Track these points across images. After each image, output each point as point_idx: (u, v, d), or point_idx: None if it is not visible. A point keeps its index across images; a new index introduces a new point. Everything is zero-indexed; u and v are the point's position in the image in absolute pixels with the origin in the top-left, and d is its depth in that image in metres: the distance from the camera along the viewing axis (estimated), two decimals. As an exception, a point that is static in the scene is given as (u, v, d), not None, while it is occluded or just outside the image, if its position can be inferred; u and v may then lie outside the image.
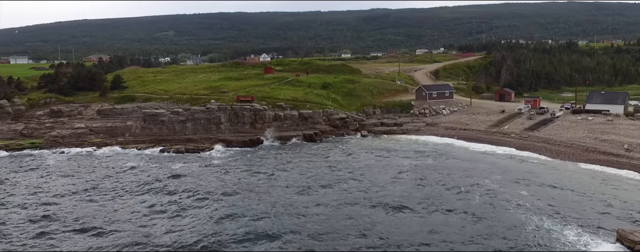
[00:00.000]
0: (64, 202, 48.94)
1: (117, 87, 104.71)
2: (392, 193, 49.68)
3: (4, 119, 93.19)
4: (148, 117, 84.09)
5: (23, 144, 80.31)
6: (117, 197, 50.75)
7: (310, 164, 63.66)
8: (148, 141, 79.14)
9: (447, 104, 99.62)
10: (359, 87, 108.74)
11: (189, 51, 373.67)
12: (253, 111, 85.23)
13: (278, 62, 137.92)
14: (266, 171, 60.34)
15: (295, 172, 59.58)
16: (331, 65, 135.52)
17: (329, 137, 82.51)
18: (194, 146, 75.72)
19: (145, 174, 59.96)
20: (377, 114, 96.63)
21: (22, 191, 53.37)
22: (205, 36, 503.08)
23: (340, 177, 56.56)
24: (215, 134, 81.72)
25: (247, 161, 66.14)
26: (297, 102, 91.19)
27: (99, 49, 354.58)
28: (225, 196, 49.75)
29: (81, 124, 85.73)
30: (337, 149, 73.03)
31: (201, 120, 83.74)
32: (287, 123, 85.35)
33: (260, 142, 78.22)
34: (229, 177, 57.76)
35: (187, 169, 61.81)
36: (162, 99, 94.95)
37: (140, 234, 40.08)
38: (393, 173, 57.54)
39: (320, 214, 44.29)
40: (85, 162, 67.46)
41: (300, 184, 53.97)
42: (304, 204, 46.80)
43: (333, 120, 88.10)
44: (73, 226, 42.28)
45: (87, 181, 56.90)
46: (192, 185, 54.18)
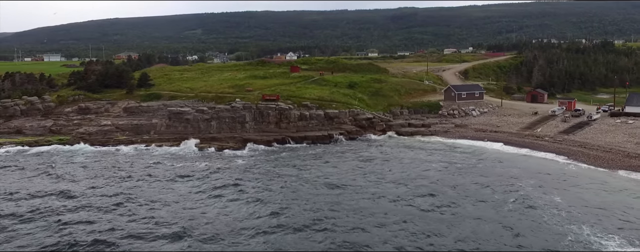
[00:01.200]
0: (88, 201, 48.68)
1: (143, 84, 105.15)
2: (420, 197, 47.82)
3: (35, 115, 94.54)
4: (173, 115, 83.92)
5: (51, 140, 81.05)
6: (138, 196, 50.21)
7: (338, 165, 62.10)
8: (173, 139, 78.87)
9: (477, 105, 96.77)
10: (386, 87, 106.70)
11: (216, 49, 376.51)
12: (278, 110, 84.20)
13: (304, 61, 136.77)
14: (291, 172, 59.02)
15: (323, 173, 57.95)
16: (358, 65, 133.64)
17: (355, 138, 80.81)
18: (218, 145, 75.12)
19: (169, 172, 59.36)
20: (405, 114, 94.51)
21: (40, 187, 53.42)
22: (233, 35, 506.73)
23: (367, 179, 54.87)
24: (239, 133, 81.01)
25: (271, 162, 65.01)
26: (323, 102, 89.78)
27: (129, 47, 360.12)
28: (251, 197, 48.69)
29: (108, 121, 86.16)
30: (364, 150, 71.31)
31: (226, 119, 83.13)
32: (312, 123, 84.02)
33: (284, 142, 77.11)
34: (252, 177, 56.63)
35: (212, 168, 60.99)
36: (188, 97, 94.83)
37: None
38: (420, 176, 55.57)
39: (349, 216, 42.87)
40: (109, 160, 67.37)
41: (330, 184, 52.57)
42: (334, 207, 45.36)
43: (359, 120, 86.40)
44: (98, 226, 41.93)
45: (106, 179, 56.66)
46: (217, 183, 53.36)
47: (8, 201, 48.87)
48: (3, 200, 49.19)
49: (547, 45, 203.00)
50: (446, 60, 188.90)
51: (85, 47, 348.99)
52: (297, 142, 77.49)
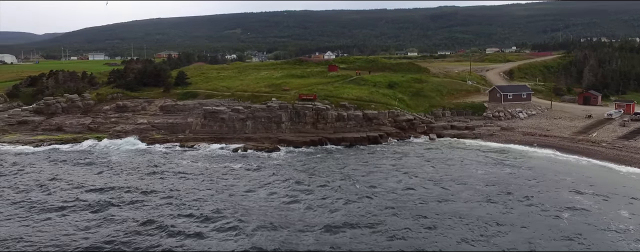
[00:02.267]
0: (111, 200, 47.43)
1: (180, 83, 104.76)
2: (467, 206, 44.25)
3: (75, 112, 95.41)
4: (208, 114, 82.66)
5: (88, 137, 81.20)
6: (168, 197, 48.59)
7: (378, 168, 58.94)
8: (207, 139, 77.55)
9: (524, 107, 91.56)
10: (427, 87, 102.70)
11: (255, 49, 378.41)
12: (315, 110, 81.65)
13: (342, 60, 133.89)
14: (329, 175, 56.20)
15: (363, 177, 54.87)
16: (397, 64, 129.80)
17: (395, 140, 77.39)
18: (253, 145, 73.19)
19: (201, 174, 57.72)
20: (447, 116, 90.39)
21: (67, 184, 52.61)
22: (271, 34, 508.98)
23: (409, 183, 51.58)
24: (275, 133, 78.93)
25: (307, 164, 62.35)
26: (362, 102, 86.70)
27: (170, 46, 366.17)
28: (285, 201, 46.28)
29: (144, 119, 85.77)
30: (405, 153, 67.84)
31: (262, 118, 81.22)
32: (350, 124, 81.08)
33: (321, 143, 74.46)
34: (287, 180, 54.19)
35: (246, 170, 59.00)
36: (224, 96, 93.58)
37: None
38: (465, 184, 51.85)
39: (394, 223, 39.99)
40: (143, 159, 66.43)
41: (373, 188, 49.73)
42: (378, 214, 42.48)
43: (399, 121, 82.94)
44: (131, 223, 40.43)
45: (139, 178, 55.44)
46: (251, 185, 51.26)
47: (45, 194, 48.22)
48: (35, 195, 48.58)
49: (597, 44, 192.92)
50: (489, 59, 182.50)
51: (129, 46, 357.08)
52: (334, 143, 74.69)
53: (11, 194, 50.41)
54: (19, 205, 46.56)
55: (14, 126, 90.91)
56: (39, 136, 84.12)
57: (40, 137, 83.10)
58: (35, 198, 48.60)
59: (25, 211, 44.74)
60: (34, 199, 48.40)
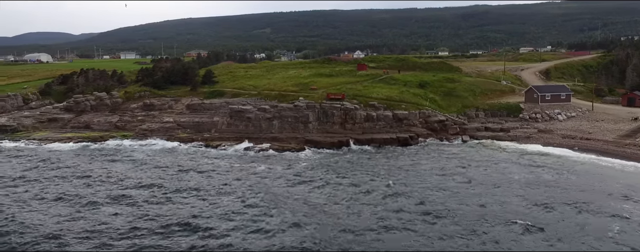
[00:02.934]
0: (131, 200, 46.14)
1: (207, 81, 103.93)
2: (507, 214, 41.23)
3: (103, 110, 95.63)
4: (234, 113, 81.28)
5: (115, 135, 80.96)
6: (195, 196, 47.03)
7: (410, 171, 56.24)
8: (233, 138, 76.13)
9: (563, 108, 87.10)
10: (460, 87, 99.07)
11: (284, 48, 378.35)
12: (343, 110, 79.30)
13: (371, 59, 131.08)
14: (358, 178, 53.74)
15: (394, 179, 52.10)
16: (428, 63, 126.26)
17: (426, 142, 74.38)
18: (279, 146, 71.39)
19: (225, 175, 56.09)
20: (481, 117, 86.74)
21: (102, 182, 51.63)
22: (300, 33, 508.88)
23: (443, 187, 48.75)
24: (302, 133, 76.91)
25: (335, 165, 59.96)
26: (392, 102, 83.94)
27: (200, 45, 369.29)
28: (312, 206, 44.15)
29: (170, 118, 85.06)
30: (437, 155, 64.92)
31: (288, 118, 79.35)
32: (379, 124, 78.43)
33: (349, 144, 72.06)
34: (314, 182, 52.06)
35: (271, 172, 57.06)
36: (250, 95, 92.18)
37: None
38: (505, 188, 48.75)
39: (434, 229, 37.62)
40: (168, 158, 65.33)
41: (405, 193, 47.08)
42: (413, 220, 40.07)
43: (431, 122, 79.84)
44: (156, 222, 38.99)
45: (164, 177, 54.15)
46: (276, 188, 49.33)
47: (66, 190, 47.40)
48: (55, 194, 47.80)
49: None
50: (523, 59, 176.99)
51: (161, 45, 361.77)
52: (362, 144, 72.18)
53: (34, 190, 49.76)
54: (44, 200, 45.76)
55: (44, 123, 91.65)
56: (67, 133, 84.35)
57: (69, 134, 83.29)
58: (58, 194, 47.77)
59: (56, 206, 43.90)
60: (58, 195, 47.58)
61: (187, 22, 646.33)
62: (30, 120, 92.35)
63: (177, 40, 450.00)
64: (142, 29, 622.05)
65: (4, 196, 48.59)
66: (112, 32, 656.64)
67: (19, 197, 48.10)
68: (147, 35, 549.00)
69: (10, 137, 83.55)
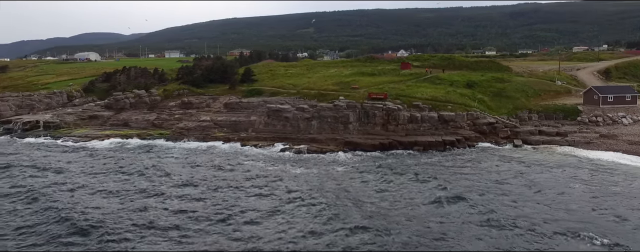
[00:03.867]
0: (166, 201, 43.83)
1: (247, 80, 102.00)
2: (573, 232, 36.39)
3: (141, 108, 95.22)
4: (272, 112, 78.60)
5: (152, 134, 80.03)
6: (225, 198, 44.30)
7: (458, 178, 51.44)
8: (270, 138, 73.44)
9: (629, 111, 79.89)
10: (510, 87, 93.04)
11: (327, 47, 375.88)
12: (385, 111, 75.18)
13: (416, 58, 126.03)
14: (403, 185, 49.51)
15: (443, 188, 47.32)
16: (476, 62, 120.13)
17: (475, 145, 69.35)
18: (317, 147, 68.11)
19: (261, 175, 53.20)
20: (534, 119, 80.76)
21: (123, 183, 49.79)
22: (344, 33, 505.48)
23: (496, 198, 44.08)
24: (342, 134, 73.32)
25: (377, 170, 55.73)
26: (437, 103, 79.20)
27: (244, 45, 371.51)
28: (356, 215, 40.52)
29: (207, 117, 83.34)
30: (487, 161, 59.91)
31: (328, 118, 75.92)
32: (424, 126, 73.86)
33: (391, 147, 67.94)
34: (356, 190, 48.34)
35: (308, 175, 53.76)
36: (289, 94, 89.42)
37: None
38: (568, 200, 43.63)
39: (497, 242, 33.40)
40: (203, 158, 63.19)
41: (454, 203, 42.56)
42: (487, 233, 35.94)
43: (479, 124, 74.64)
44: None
45: (199, 178, 51.78)
46: (314, 193, 46.00)
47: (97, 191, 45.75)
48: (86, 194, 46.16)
49: None
50: (577, 58, 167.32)
51: (207, 45, 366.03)
52: (405, 147, 67.90)
53: (60, 188, 48.41)
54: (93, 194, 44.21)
55: (85, 120, 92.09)
56: (106, 130, 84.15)
57: (107, 132, 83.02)
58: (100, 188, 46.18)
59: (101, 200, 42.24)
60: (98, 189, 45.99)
61: (232, 22, 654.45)
62: (72, 117, 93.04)
63: (221, 39, 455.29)
64: (188, 29, 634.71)
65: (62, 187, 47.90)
66: (159, 32, 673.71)
67: (73, 191, 47.29)
68: (192, 35, 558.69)
69: (52, 133, 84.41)
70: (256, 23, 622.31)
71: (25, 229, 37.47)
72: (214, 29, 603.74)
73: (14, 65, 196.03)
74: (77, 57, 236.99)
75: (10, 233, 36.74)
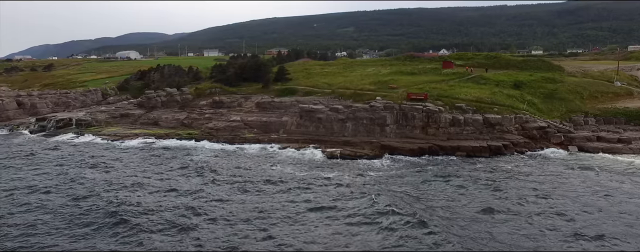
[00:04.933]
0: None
1: (280, 79, 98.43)
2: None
3: (172, 107, 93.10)
4: (305, 113, 74.55)
5: (181, 133, 77.38)
6: (255, 209, 40.48)
7: (508, 192, 45.70)
8: (302, 141, 69.38)
9: (700, 116, 71.86)
10: (563, 89, 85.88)
11: (367, 47, 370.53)
12: (425, 112, 69.85)
13: (459, 56, 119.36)
14: (448, 196, 44.26)
15: (490, 203, 41.97)
16: (524, 61, 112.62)
17: (524, 152, 63.17)
18: (351, 151, 63.58)
19: (291, 181, 49.17)
20: (591, 124, 73.68)
21: (146, 186, 46.65)
22: (384, 32, 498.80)
23: (552, 218, 38.51)
24: (378, 137, 68.51)
25: (418, 178, 50.75)
26: (482, 104, 73.22)
27: (283, 44, 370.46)
28: (388, 231, 35.91)
29: (237, 117, 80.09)
30: (540, 171, 53.75)
31: (363, 120, 71.26)
32: (467, 130, 68.13)
33: (432, 152, 62.67)
34: (399, 197, 43.63)
35: (341, 181, 49.25)
36: (324, 94, 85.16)
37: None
38: (635, 223, 37.64)
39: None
40: (229, 160, 59.73)
41: (505, 222, 37.34)
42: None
43: (529, 129, 68.29)
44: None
45: (222, 184, 48.22)
46: (349, 202, 41.61)
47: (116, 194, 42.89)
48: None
49: None
50: (635, 57, 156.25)
51: (247, 44, 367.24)
52: (447, 153, 62.47)
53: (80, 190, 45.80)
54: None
55: (117, 118, 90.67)
56: (135, 129, 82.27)
57: (136, 130, 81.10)
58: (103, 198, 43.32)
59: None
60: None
61: (272, 22, 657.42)
62: (104, 115, 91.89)
63: (262, 39, 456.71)
64: (230, 29, 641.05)
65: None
66: (201, 31, 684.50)
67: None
68: (233, 34, 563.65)
69: (83, 131, 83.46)
70: (296, 22, 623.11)
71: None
72: (255, 28, 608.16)
73: (59, 64, 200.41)
74: (118, 55, 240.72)
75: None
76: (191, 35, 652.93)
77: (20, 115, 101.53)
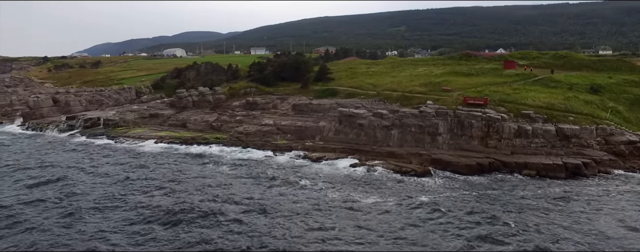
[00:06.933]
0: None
1: (321, 78, 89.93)
2: None
3: (204, 107, 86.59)
4: (344, 117, 65.55)
5: (208, 138, 70.28)
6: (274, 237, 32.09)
7: (596, 228, 35.27)
8: (339, 150, 60.47)
9: None
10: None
11: (419, 46, 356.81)
12: (485, 120, 59.27)
13: (522, 55, 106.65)
14: (518, 235, 34.16)
15: (572, 244, 32.12)
16: (599, 61, 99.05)
17: (610, 172, 51.49)
18: (396, 165, 54.07)
19: (315, 214, 40.45)
20: (691, 137, 60.77)
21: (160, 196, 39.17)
22: (437, 31, 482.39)
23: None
24: (428, 149, 58.62)
25: (479, 206, 40.42)
26: (554, 112, 61.77)
27: (333, 43, 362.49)
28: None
29: (270, 120, 72.07)
30: (636, 199, 42.70)
31: (411, 127, 61.49)
32: (536, 142, 57.01)
33: (493, 169, 52.21)
34: (454, 235, 34.06)
35: (380, 210, 39.97)
36: (368, 96, 75.87)
37: None
38: None
39: None
40: (249, 171, 51.62)
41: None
42: None
43: (614, 143, 56.42)
44: None
45: (228, 201, 40.10)
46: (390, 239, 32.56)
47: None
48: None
49: None
50: None
51: (297, 43, 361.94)
52: (512, 171, 51.88)
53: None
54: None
55: (146, 118, 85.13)
56: (161, 131, 76.06)
57: (162, 133, 74.81)
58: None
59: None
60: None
61: (323, 21, 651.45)
62: (133, 115, 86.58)
63: (312, 37, 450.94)
64: (281, 27, 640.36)
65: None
66: (253, 30, 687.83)
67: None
68: (284, 33, 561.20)
69: (110, 131, 78.46)
70: (347, 21, 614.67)
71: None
72: (305, 27, 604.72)
73: (108, 61, 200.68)
74: (164, 53, 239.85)
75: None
76: (243, 34, 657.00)
77: (53, 113, 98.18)
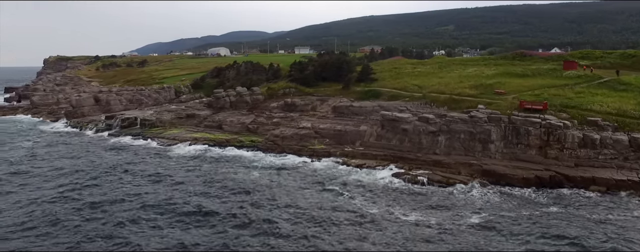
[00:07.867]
0: None
1: (364, 79, 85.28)
2: None
3: (241, 108, 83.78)
4: (387, 121, 60.72)
5: (243, 140, 67.26)
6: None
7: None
8: (380, 157, 55.80)
9: None
10: None
11: (468, 45, 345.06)
12: (545, 128, 53.08)
13: (583, 55, 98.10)
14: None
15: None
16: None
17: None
18: (442, 175, 48.92)
19: (348, 221, 36.12)
20: None
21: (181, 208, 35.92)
22: (486, 30, 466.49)
23: None
24: (479, 158, 53.06)
25: (537, 229, 34.82)
26: (626, 119, 54.77)
27: (379, 42, 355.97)
28: None
29: (308, 123, 68.05)
30: None
31: (460, 134, 56.03)
32: (605, 154, 50.40)
33: (554, 184, 46.16)
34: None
35: (423, 232, 35.24)
36: (413, 98, 70.62)
37: None
38: None
39: None
40: (281, 180, 47.85)
41: None
42: None
43: (699, 156, 49.23)
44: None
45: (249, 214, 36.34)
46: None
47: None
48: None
49: None
50: None
51: (342, 43, 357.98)
52: (576, 185, 45.70)
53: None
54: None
55: (182, 119, 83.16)
56: (197, 133, 73.64)
57: (197, 134, 72.37)
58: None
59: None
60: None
61: (369, 20, 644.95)
62: (170, 115, 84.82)
63: (357, 37, 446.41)
64: (326, 27, 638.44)
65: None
66: (299, 30, 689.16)
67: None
68: (329, 33, 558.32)
69: (146, 132, 77.07)
70: (393, 21, 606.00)
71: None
72: (351, 26, 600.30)
73: (154, 60, 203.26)
74: (208, 52, 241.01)
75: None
76: (289, 34, 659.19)
77: (94, 112, 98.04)
